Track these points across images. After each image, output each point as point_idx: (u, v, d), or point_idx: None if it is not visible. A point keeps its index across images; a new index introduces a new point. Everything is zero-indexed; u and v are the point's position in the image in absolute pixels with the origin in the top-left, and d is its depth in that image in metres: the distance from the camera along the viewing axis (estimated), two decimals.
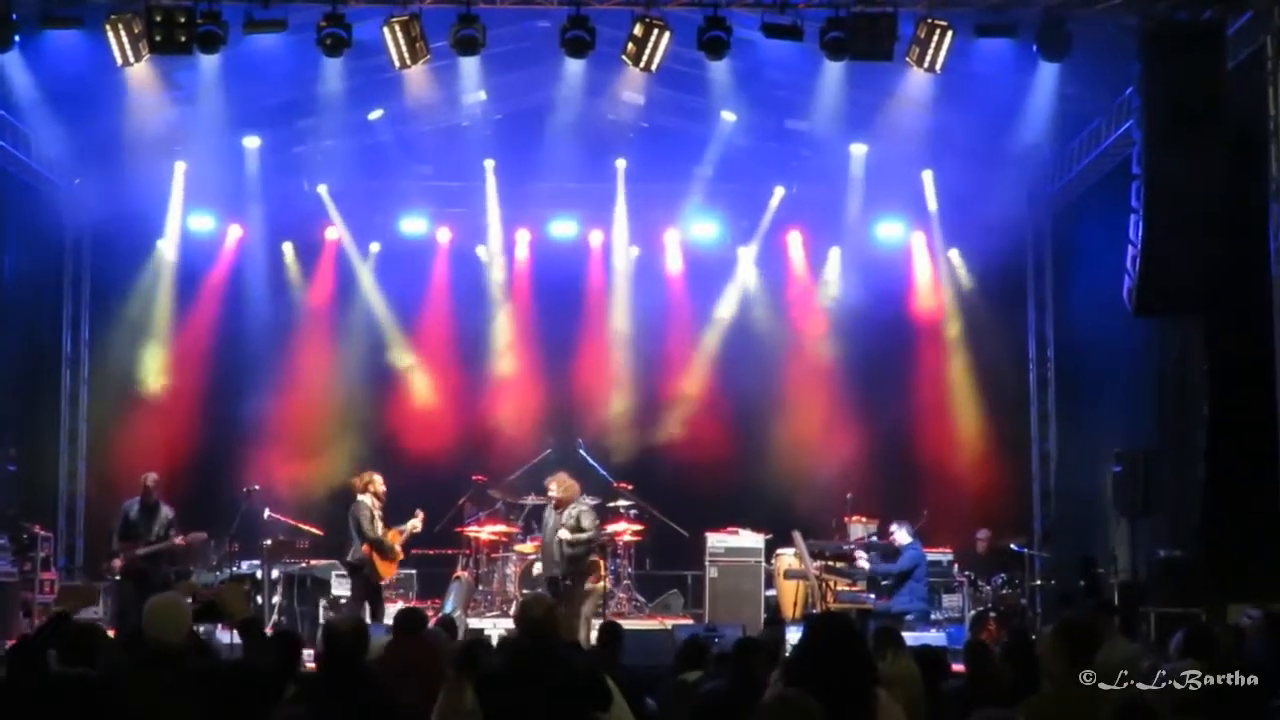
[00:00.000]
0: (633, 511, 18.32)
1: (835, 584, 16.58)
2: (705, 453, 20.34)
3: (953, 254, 21.02)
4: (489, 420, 20.63)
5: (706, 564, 17.94)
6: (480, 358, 20.98)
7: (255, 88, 17.78)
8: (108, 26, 14.66)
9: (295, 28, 15.05)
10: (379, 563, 15.81)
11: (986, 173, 19.46)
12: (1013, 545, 18.71)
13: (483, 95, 18.98)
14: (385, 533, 15.89)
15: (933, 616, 16.88)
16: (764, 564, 17.82)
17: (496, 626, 14.85)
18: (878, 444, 20.24)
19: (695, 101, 18.94)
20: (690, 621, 17.16)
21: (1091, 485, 18.52)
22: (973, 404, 20.73)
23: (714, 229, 21.29)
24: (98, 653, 7.37)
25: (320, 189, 20.75)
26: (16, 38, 14.96)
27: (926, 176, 20.39)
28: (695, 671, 9.45)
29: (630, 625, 12.81)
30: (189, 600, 7.36)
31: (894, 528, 16.78)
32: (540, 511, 17.12)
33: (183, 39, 14.50)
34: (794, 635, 11.20)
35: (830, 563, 16.86)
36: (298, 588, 17.50)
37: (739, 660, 8.64)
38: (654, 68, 15.25)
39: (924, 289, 21.10)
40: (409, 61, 15.04)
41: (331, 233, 21.13)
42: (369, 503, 15.83)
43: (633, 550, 18.59)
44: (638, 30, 14.97)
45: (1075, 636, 6.87)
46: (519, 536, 18.47)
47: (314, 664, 9.43)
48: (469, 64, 16.87)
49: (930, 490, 19.45)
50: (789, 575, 17.35)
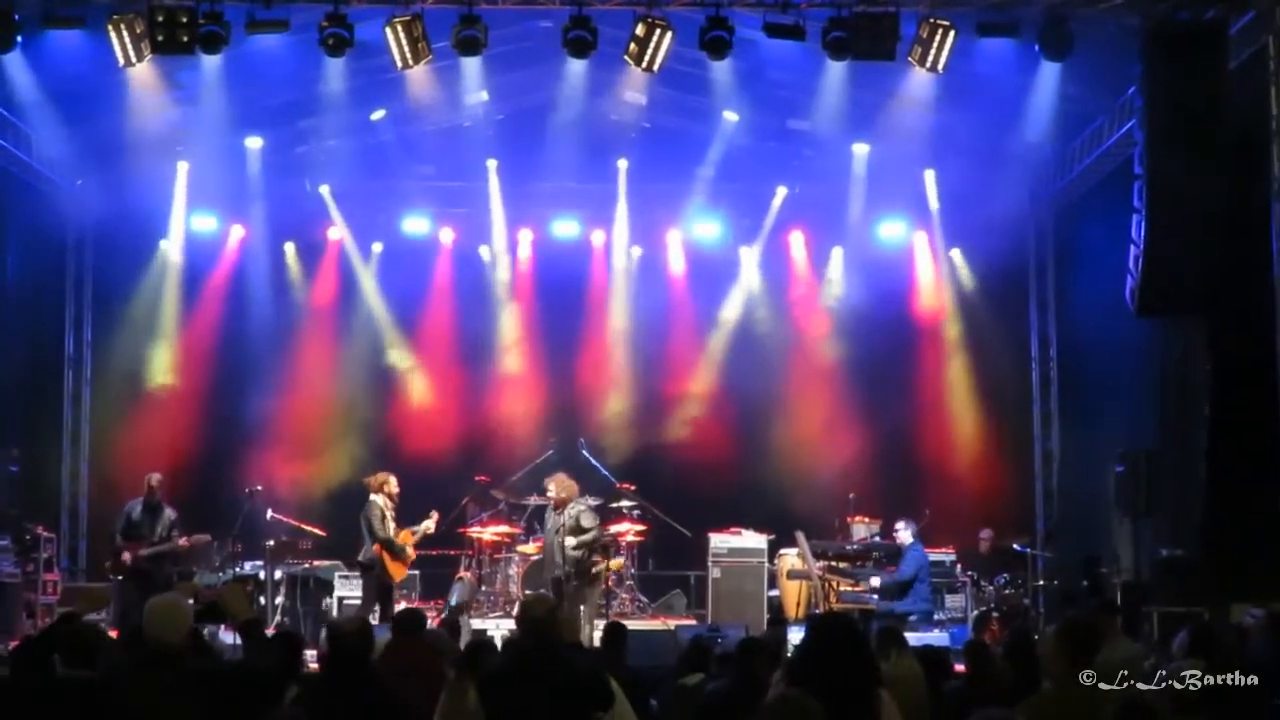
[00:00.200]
0: (635, 512, 18.30)
1: (838, 584, 16.55)
2: (708, 453, 20.35)
3: (955, 254, 21.02)
4: (492, 420, 20.62)
5: (709, 564, 17.92)
6: (483, 358, 20.96)
7: (257, 88, 17.76)
8: (110, 27, 14.66)
9: (297, 28, 15.05)
10: (390, 563, 15.82)
11: (989, 172, 19.47)
12: (1015, 545, 18.69)
13: (485, 95, 18.96)
14: (397, 533, 15.90)
15: (936, 617, 16.83)
16: (767, 564, 17.80)
17: (499, 627, 14.86)
18: (880, 444, 20.23)
19: (697, 101, 18.92)
20: (693, 622, 17.14)
21: (1094, 485, 18.51)
22: (975, 404, 20.71)
23: (716, 229, 21.27)
24: (99, 654, 7.37)
25: (322, 189, 20.73)
26: (19, 38, 14.97)
27: (929, 176, 20.38)
28: (696, 675, 9.45)
29: (633, 626, 12.80)
30: (191, 601, 7.34)
31: (899, 526, 16.73)
32: (542, 512, 17.12)
33: (185, 39, 14.51)
34: (796, 636, 11.23)
35: (833, 563, 16.85)
36: (300, 588, 17.55)
37: (742, 661, 8.65)
38: (656, 68, 15.26)
39: (926, 289, 21.09)
40: (411, 62, 15.05)
41: (334, 233, 21.11)
42: (381, 503, 15.84)
43: (635, 550, 18.58)
44: (640, 30, 14.97)
45: (1077, 637, 6.88)
46: (522, 537, 18.45)
47: (317, 664, 9.45)
48: (471, 64, 16.84)
49: (932, 490, 19.45)
50: (792, 575, 17.34)
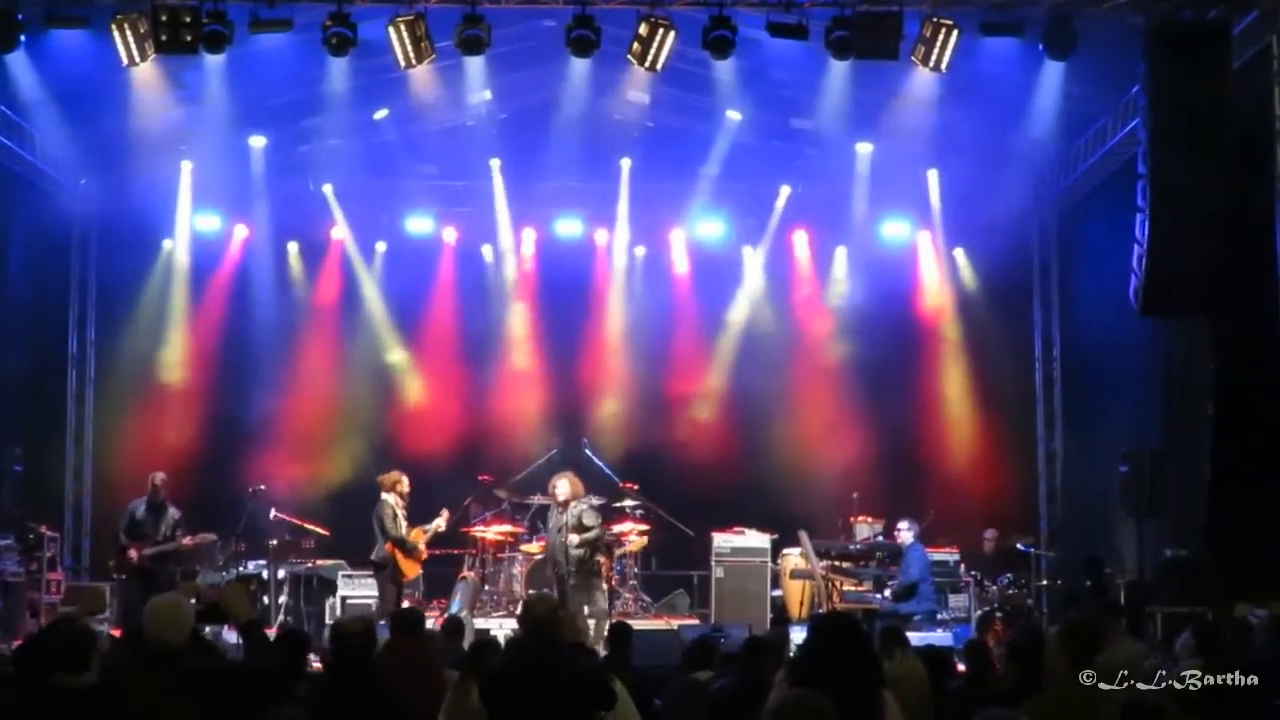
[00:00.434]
0: (639, 511, 18.28)
1: (841, 584, 16.55)
2: (711, 452, 20.36)
3: (958, 253, 21.01)
4: (494, 420, 20.61)
5: (712, 564, 17.92)
6: (486, 357, 20.95)
7: (261, 87, 17.76)
8: (113, 26, 14.65)
9: (300, 27, 15.03)
10: (402, 561, 15.84)
11: (992, 172, 19.47)
12: (1019, 545, 18.67)
13: (488, 95, 18.96)
14: (408, 531, 15.91)
15: (939, 616, 16.82)
16: (770, 564, 17.80)
17: (503, 627, 14.86)
18: (883, 443, 20.22)
19: (700, 101, 18.90)
20: (696, 622, 17.13)
21: (1098, 485, 18.49)
22: (978, 403, 20.69)
23: (719, 228, 21.24)
24: (93, 657, 7.36)
25: (326, 188, 20.71)
26: (22, 37, 14.97)
27: (932, 175, 20.36)
28: (706, 671, 9.45)
29: (636, 625, 12.78)
30: (193, 601, 7.34)
31: (901, 526, 16.72)
32: (546, 511, 17.11)
33: (188, 39, 14.50)
34: (799, 635, 11.21)
35: (836, 563, 16.84)
36: (304, 588, 17.55)
37: (747, 660, 8.64)
38: (659, 67, 15.23)
39: (929, 288, 21.06)
40: (414, 61, 15.03)
41: (337, 232, 21.09)
42: (393, 501, 15.87)
43: (639, 550, 18.56)
44: (643, 29, 14.96)
45: (1079, 637, 6.87)
46: (525, 536, 18.44)
47: (319, 664, 9.45)
48: (474, 63, 16.83)
49: (936, 490, 19.45)
50: (795, 575, 17.33)
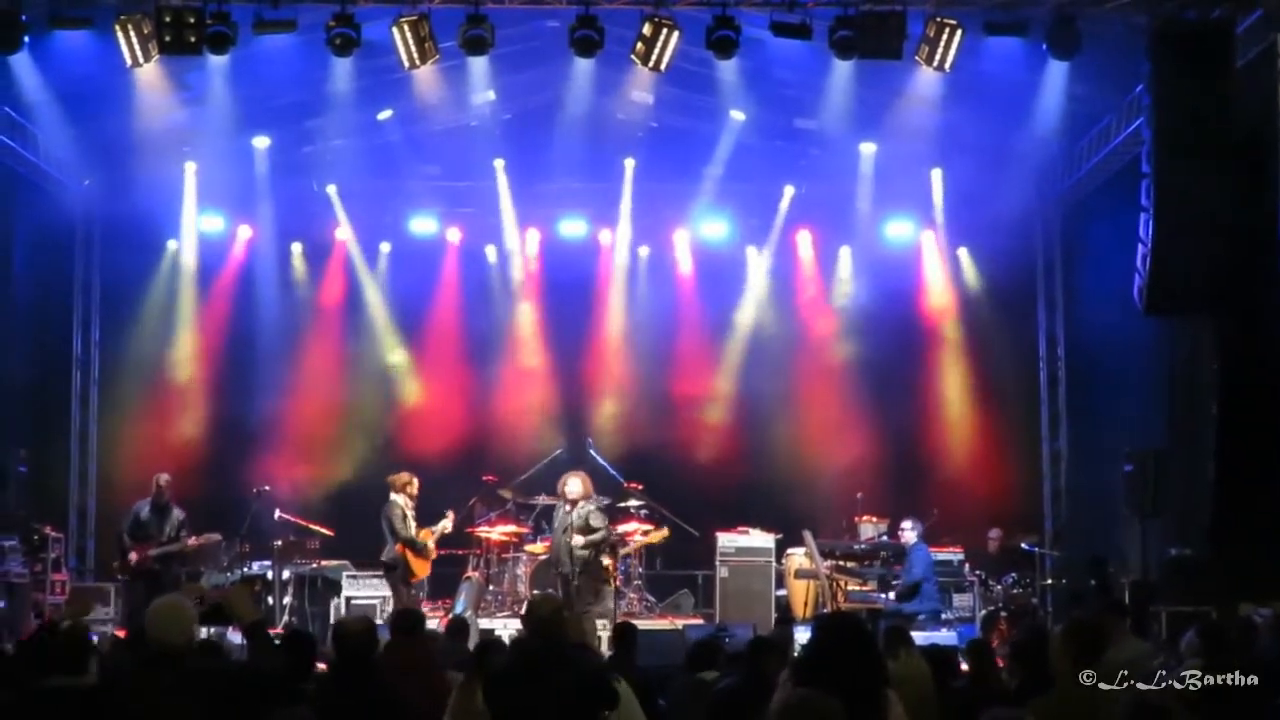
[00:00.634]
0: (643, 511, 18.28)
1: (846, 583, 16.56)
2: (715, 452, 20.40)
3: (962, 253, 21.00)
4: (499, 420, 20.61)
5: (717, 564, 17.92)
6: (490, 357, 20.95)
7: (264, 88, 17.78)
8: (117, 27, 14.65)
9: (304, 28, 15.04)
10: (413, 561, 15.87)
11: (996, 171, 19.45)
12: (1023, 544, 18.69)
13: (491, 95, 18.95)
14: (417, 532, 15.91)
15: (944, 616, 16.80)
16: (774, 564, 17.79)
17: (507, 627, 14.85)
18: (887, 443, 20.21)
19: (704, 101, 18.90)
20: (701, 621, 17.13)
21: (1102, 484, 18.45)
22: (982, 403, 20.68)
23: (723, 228, 21.24)
24: (90, 658, 7.37)
25: (330, 189, 20.71)
26: (25, 38, 14.95)
27: (936, 175, 20.37)
28: (711, 671, 9.45)
29: (641, 625, 12.78)
30: (197, 602, 7.34)
31: (905, 525, 16.71)
32: (550, 511, 17.11)
33: (192, 39, 14.49)
34: (804, 635, 11.20)
35: (841, 562, 16.84)
36: (308, 588, 17.57)
37: (752, 659, 8.65)
38: (663, 67, 15.22)
39: (934, 288, 21.03)
40: (418, 61, 15.02)
41: (341, 233, 21.08)
42: (401, 502, 15.88)
43: (643, 550, 18.55)
44: (647, 30, 14.95)
45: (1082, 637, 6.86)
46: (529, 537, 18.44)
47: (324, 665, 9.44)
48: (478, 64, 16.84)
49: (940, 489, 19.47)
50: (799, 575, 17.34)
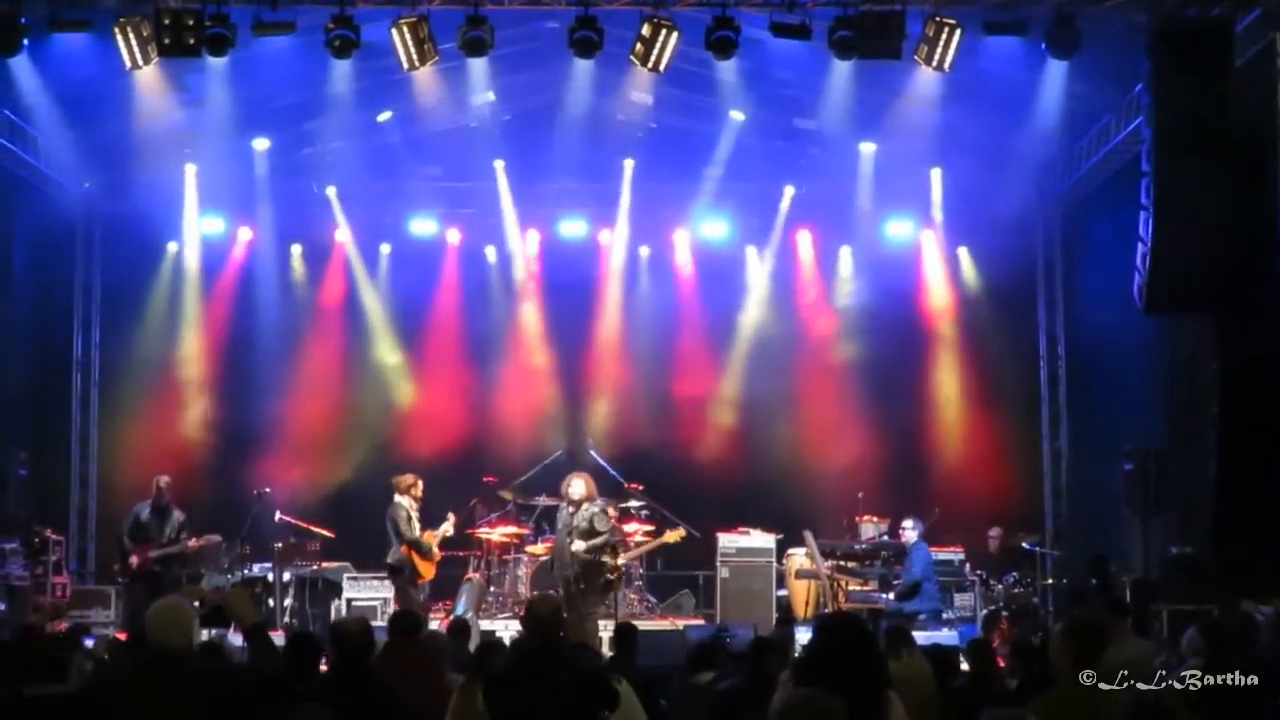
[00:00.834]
0: (644, 512, 18.28)
1: (847, 583, 16.55)
2: (716, 452, 20.38)
3: (962, 252, 20.99)
4: (499, 421, 20.58)
5: (718, 564, 17.92)
6: (490, 358, 20.94)
7: (264, 90, 17.78)
8: (116, 29, 14.64)
9: (303, 30, 15.03)
10: (419, 562, 15.85)
11: (996, 171, 19.45)
12: (1024, 544, 18.68)
13: (491, 96, 18.95)
14: (422, 533, 15.91)
15: (945, 616, 16.79)
16: (775, 564, 17.79)
17: (508, 628, 14.85)
18: (887, 443, 20.19)
19: (704, 101, 18.90)
20: (701, 622, 17.13)
21: (1103, 483, 18.44)
22: (983, 402, 20.66)
23: (723, 228, 21.23)
24: (71, 666, 7.37)
25: (329, 191, 20.71)
26: (25, 41, 14.92)
27: (935, 175, 20.36)
28: (707, 673, 9.45)
29: (641, 626, 12.78)
30: (196, 604, 7.33)
31: (906, 525, 16.69)
32: (551, 512, 17.10)
33: (191, 42, 14.48)
34: (805, 636, 11.20)
35: (841, 562, 16.83)
36: (309, 590, 17.57)
37: (754, 659, 8.65)
38: (662, 68, 15.21)
39: (934, 287, 21.03)
40: (417, 63, 15.01)
41: (341, 235, 21.08)
42: (406, 504, 15.86)
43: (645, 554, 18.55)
44: (646, 30, 14.94)
45: (1083, 635, 6.86)
46: (530, 538, 18.44)
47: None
48: (477, 65, 16.82)
49: (941, 489, 19.47)
50: (800, 575, 17.33)
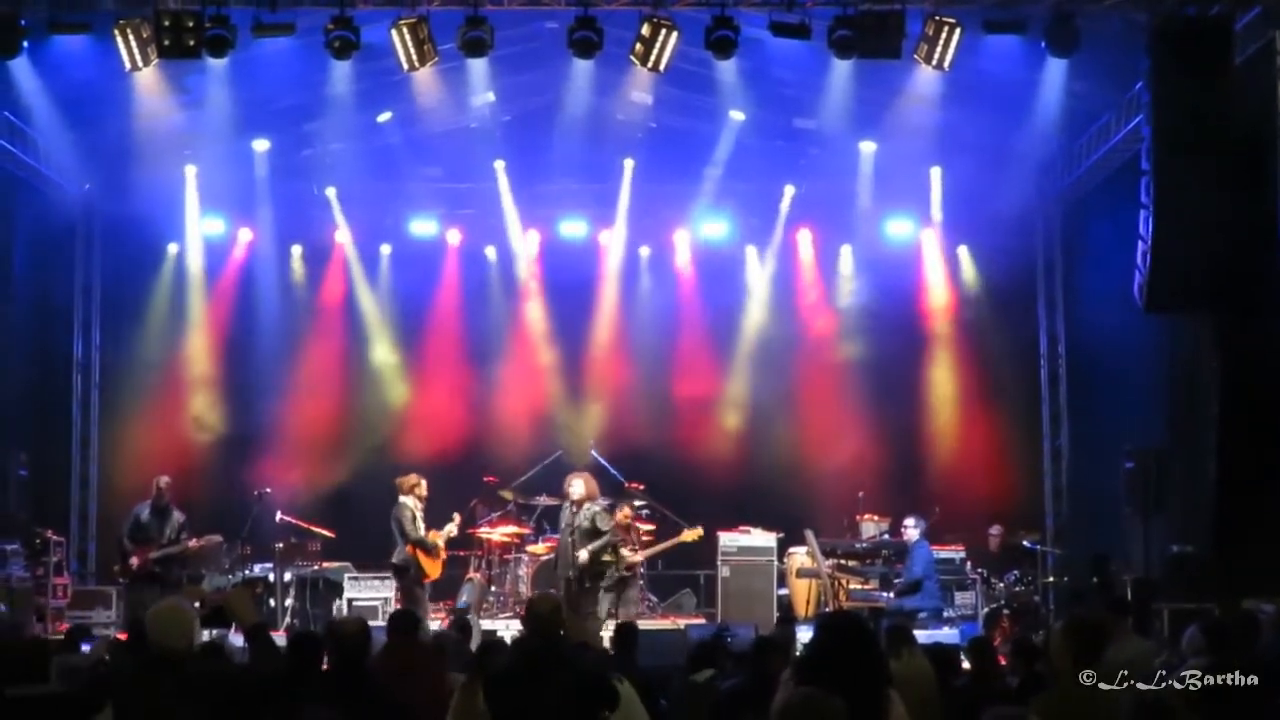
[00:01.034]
0: (644, 511, 18.29)
1: (847, 582, 16.55)
2: (716, 451, 20.37)
3: (962, 251, 21.00)
4: (500, 421, 20.58)
5: (718, 563, 17.94)
6: (490, 359, 20.95)
7: (264, 91, 17.78)
8: (116, 31, 14.65)
9: (303, 31, 15.02)
10: (425, 562, 15.84)
11: (996, 169, 19.44)
12: (1025, 542, 18.66)
13: (491, 97, 18.95)
14: (427, 533, 15.91)
15: (945, 614, 16.80)
16: (776, 563, 17.81)
17: (509, 628, 14.85)
18: (888, 441, 20.21)
19: (703, 101, 18.89)
20: (703, 621, 17.15)
21: (1103, 482, 18.43)
22: (983, 401, 20.66)
23: (724, 228, 21.24)
24: (50, 667, 7.38)
25: (329, 192, 20.72)
26: (24, 43, 14.94)
27: (935, 174, 20.36)
28: (706, 671, 9.45)
29: (642, 625, 12.80)
30: (196, 605, 7.34)
31: (907, 523, 16.69)
32: (552, 512, 17.09)
33: (191, 43, 14.47)
34: (806, 634, 11.20)
35: (842, 561, 16.84)
36: (310, 590, 17.57)
37: (757, 658, 8.66)
38: (662, 68, 15.20)
39: (934, 286, 21.03)
40: (417, 64, 15.01)
41: (341, 236, 21.09)
42: (411, 504, 15.84)
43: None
44: (645, 30, 14.93)
45: (1083, 634, 6.85)
46: (531, 537, 18.47)
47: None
48: (477, 66, 16.83)
49: (941, 487, 19.49)
50: (801, 574, 17.35)
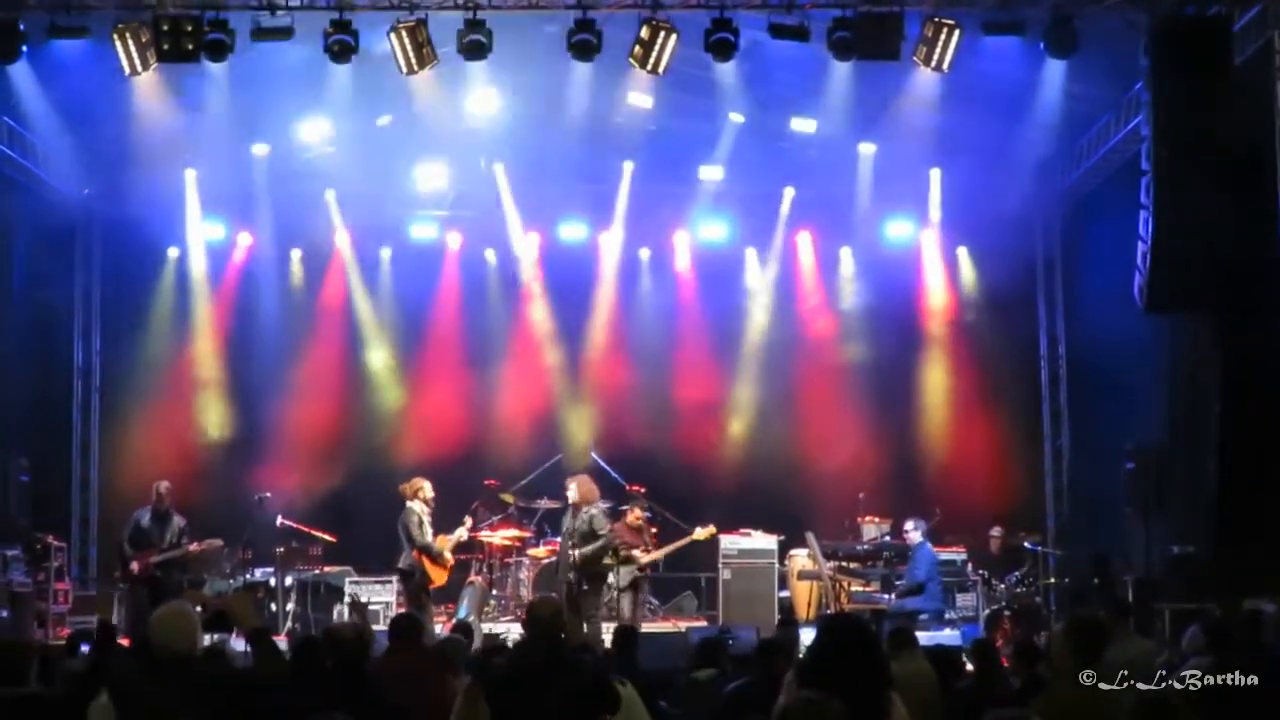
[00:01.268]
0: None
1: (849, 584, 16.55)
2: (717, 454, 20.37)
3: (962, 252, 20.99)
4: (500, 424, 20.57)
5: (720, 566, 17.93)
6: (490, 361, 20.93)
7: (263, 95, 17.78)
8: (115, 36, 14.67)
9: (302, 35, 15.03)
10: (430, 568, 15.78)
11: (995, 170, 19.44)
12: (1026, 543, 18.66)
13: (490, 99, 18.94)
14: (435, 538, 15.89)
15: (947, 616, 16.79)
16: (777, 565, 17.80)
17: (511, 631, 14.85)
18: (889, 443, 20.23)
19: (703, 103, 18.87)
20: (704, 623, 17.13)
21: (1104, 482, 18.45)
22: (984, 402, 20.65)
23: (723, 230, 21.22)
24: (30, 670, 7.38)
25: (329, 195, 20.70)
26: (24, 48, 14.96)
27: (935, 175, 20.35)
28: (708, 670, 9.45)
29: (644, 627, 12.80)
30: (198, 609, 7.35)
31: (909, 525, 16.72)
32: (553, 515, 17.08)
33: (190, 48, 14.51)
34: (808, 637, 11.20)
35: (844, 563, 16.83)
36: (311, 595, 17.56)
37: (760, 660, 8.66)
38: (661, 70, 15.21)
39: (934, 287, 21.03)
40: (416, 67, 15.02)
41: (341, 239, 21.09)
42: (418, 509, 15.78)
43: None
44: (644, 33, 14.94)
45: (1084, 635, 6.85)
46: (532, 541, 18.46)
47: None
48: (476, 68, 16.84)
49: (942, 489, 19.46)
50: (802, 576, 17.34)
